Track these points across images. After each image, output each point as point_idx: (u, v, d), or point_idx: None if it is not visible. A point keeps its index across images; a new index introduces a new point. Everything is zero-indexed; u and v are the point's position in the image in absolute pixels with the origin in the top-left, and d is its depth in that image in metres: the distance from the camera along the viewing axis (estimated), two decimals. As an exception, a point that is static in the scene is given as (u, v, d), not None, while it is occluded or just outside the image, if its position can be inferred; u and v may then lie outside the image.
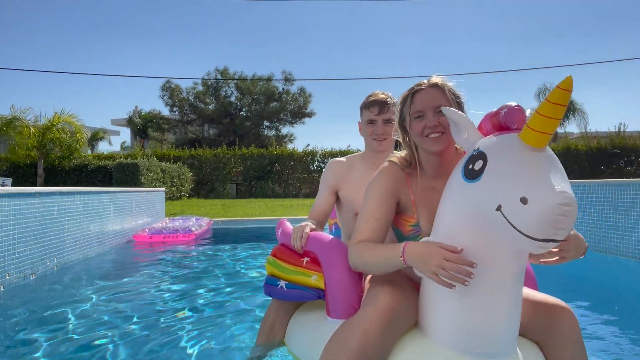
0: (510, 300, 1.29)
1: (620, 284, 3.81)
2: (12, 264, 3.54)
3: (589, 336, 2.36)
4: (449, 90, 1.51)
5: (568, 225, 1.09)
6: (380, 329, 1.32)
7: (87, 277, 4.05)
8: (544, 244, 1.10)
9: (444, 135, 1.46)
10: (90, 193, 5.25)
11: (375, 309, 1.36)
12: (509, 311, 1.30)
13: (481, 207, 1.20)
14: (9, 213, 3.54)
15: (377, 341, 1.32)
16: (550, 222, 1.07)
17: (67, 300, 3.13)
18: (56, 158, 14.28)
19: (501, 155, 1.19)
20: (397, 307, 1.37)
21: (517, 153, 1.17)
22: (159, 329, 2.46)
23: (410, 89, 1.55)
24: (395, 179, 1.54)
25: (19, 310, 2.90)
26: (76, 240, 4.73)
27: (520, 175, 1.14)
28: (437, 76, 1.54)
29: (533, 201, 1.08)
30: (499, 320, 1.29)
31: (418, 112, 1.49)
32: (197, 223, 7.19)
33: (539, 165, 1.14)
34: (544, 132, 1.13)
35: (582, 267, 4.51)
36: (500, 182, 1.16)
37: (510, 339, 1.33)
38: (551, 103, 1.09)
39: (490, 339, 1.30)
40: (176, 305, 2.96)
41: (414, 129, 1.50)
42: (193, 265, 4.58)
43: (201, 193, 17.24)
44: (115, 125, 32.64)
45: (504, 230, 1.15)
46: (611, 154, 19.13)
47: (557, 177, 1.13)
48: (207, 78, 26.62)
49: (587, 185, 4.98)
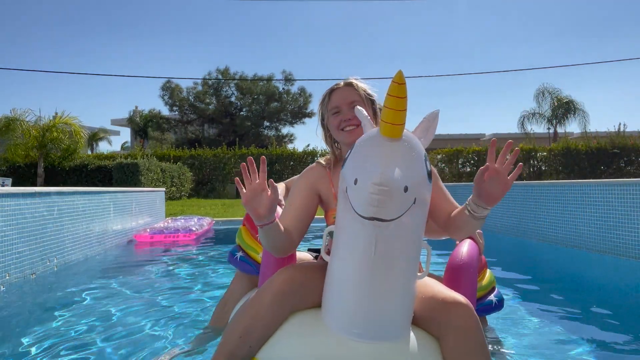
0: (396, 288, 1.35)
1: (620, 284, 3.81)
2: (12, 264, 3.54)
3: (589, 336, 2.36)
4: (362, 89, 1.72)
5: (385, 206, 1.18)
6: (272, 307, 1.45)
7: (87, 277, 4.05)
8: (369, 222, 1.21)
9: (358, 128, 1.63)
10: (90, 193, 5.25)
11: (268, 289, 1.48)
12: (397, 298, 1.36)
13: (341, 191, 1.34)
14: (9, 213, 3.54)
15: (268, 319, 1.45)
16: (368, 201, 1.18)
17: (67, 300, 3.13)
18: (56, 158, 14.28)
19: (360, 145, 1.32)
20: (292, 287, 1.48)
21: (371, 143, 1.29)
22: (160, 328, 2.46)
23: (328, 89, 1.76)
24: (315, 176, 1.74)
25: (19, 310, 2.91)
26: (76, 240, 4.73)
27: (362, 161, 1.27)
28: (352, 78, 1.74)
29: (359, 181, 1.21)
30: (386, 307, 1.35)
31: (335, 108, 1.70)
32: (199, 223, 7.19)
33: (384, 153, 1.24)
34: (392, 123, 1.23)
35: (582, 268, 4.51)
36: (348, 168, 1.30)
37: (399, 324, 1.39)
38: (391, 96, 1.19)
39: (377, 324, 1.36)
40: (177, 305, 2.96)
41: (332, 123, 1.72)
42: (194, 264, 4.58)
43: (201, 193, 17.24)
44: (115, 125, 32.64)
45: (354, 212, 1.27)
46: (611, 154, 19.12)
47: (394, 162, 1.22)
48: (208, 78, 26.62)
49: (587, 185, 4.98)
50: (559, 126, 24.02)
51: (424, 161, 1.30)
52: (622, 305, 3.09)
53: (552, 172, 19.56)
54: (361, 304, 1.34)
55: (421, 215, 1.35)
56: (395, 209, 1.20)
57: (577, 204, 5.08)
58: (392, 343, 1.37)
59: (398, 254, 1.32)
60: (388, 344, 1.36)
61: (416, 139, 1.33)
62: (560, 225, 5.36)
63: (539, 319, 2.62)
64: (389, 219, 1.20)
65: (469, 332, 1.40)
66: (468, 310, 1.42)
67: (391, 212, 1.20)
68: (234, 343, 1.46)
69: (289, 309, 1.48)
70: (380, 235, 1.26)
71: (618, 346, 2.26)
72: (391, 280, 1.33)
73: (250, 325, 1.45)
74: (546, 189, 5.71)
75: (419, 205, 1.29)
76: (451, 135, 28.95)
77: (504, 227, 6.60)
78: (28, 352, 2.14)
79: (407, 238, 1.32)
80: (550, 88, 23.99)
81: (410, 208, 1.24)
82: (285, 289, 1.47)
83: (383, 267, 1.31)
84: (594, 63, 48.60)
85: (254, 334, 1.45)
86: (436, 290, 1.49)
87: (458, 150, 19.85)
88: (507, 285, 3.44)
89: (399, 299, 1.36)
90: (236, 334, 1.47)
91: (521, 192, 6.27)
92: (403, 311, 1.38)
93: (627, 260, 4.29)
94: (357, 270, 1.32)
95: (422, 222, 1.37)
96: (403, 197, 1.21)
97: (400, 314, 1.38)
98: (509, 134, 27.07)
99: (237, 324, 1.50)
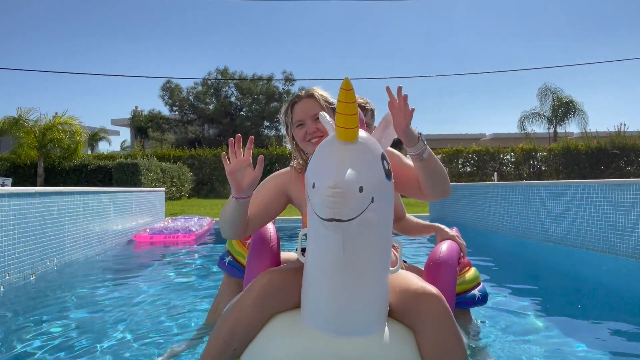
0: (368, 284, 1.41)
1: (620, 284, 3.81)
2: (12, 264, 3.54)
3: (589, 336, 2.36)
4: (323, 99, 1.78)
5: (341, 207, 1.23)
6: (253, 310, 1.52)
7: (87, 277, 4.05)
8: (329, 224, 1.25)
9: (322, 138, 1.66)
10: (90, 193, 5.25)
11: (249, 294, 1.55)
12: (369, 294, 1.42)
13: (306, 194, 1.40)
14: (9, 213, 3.54)
15: (249, 321, 1.52)
16: (324, 203, 1.23)
17: (67, 300, 3.13)
18: (56, 158, 14.29)
19: (319, 150, 1.39)
20: (271, 290, 1.55)
21: (328, 147, 1.37)
22: (159, 328, 2.46)
23: (289, 101, 1.84)
24: (286, 179, 1.83)
25: (19, 310, 2.91)
26: (76, 240, 4.73)
27: (319, 165, 1.34)
28: (315, 88, 1.82)
29: (316, 185, 1.27)
30: (359, 303, 1.41)
31: (298, 121, 1.77)
32: (199, 223, 7.19)
33: (338, 156, 1.31)
34: (344, 127, 1.30)
35: (582, 268, 4.51)
36: (308, 172, 1.37)
37: (374, 318, 1.45)
38: (341, 102, 1.26)
39: (352, 320, 1.42)
40: (176, 304, 2.96)
41: (297, 135, 1.79)
42: (193, 264, 4.58)
43: (201, 193, 17.24)
44: (115, 125, 32.63)
45: None
46: (611, 154, 19.13)
47: (348, 164, 1.28)
48: (208, 78, 26.64)
49: (587, 185, 4.98)
50: (559, 126, 24.03)
51: (381, 161, 1.37)
52: (622, 305, 3.10)
53: (552, 172, 19.57)
54: (335, 302, 1.41)
55: (384, 212, 1.41)
56: (352, 209, 1.25)
57: (577, 204, 5.08)
58: (367, 337, 1.44)
59: (367, 251, 1.39)
60: (364, 338, 1.44)
61: (373, 141, 1.41)
62: (560, 225, 5.36)
63: (538, 319, 2.62)
64: (346, 219, 1.24)
65: (440, 321, 1.45)
66: (438, 300, 1.47)
67: (348, 213, 1.24)
68: (219, 347, 1.52)
69: (269, 311, 1.55)
70: (347, 235, 1.32)
71: (618, 346, 2.26)
72: (362, 277, 1.40)
73: (233, 328, 1.52)
74: (546, 189, 5.71)
75: (379, 203, 1.34)
76: (451, 135, 28.96)
77: (504, 227, 6.60)
78: (28, 352, 2.14)
79: (374, 236, 1.39)
80: (553, 87, 23.99)
81: (369, 207, 1.29)
82: (265, 293, 1.54)
83: (353, 265, 1.38)
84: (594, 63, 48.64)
85: (237, 337, 1.52)
86: (409, 282, 1.55)
87: (458, 150, 19.85)
88: (507, 285, 3.44)
89: (371, 294, 1.43)
90: (220, 338, 1.53)
91: (521, 192, 6.28)
92: (377, 306, 1.45)
93: (627, 260, 4.29)
94: (329, 270, 1.39)
95: (387, 219, 1.45)
96: (359, 197, 1.25)
97: (374, 308, 1.45)
98: (509, 133, 27.08)
99: (220, 328, 1.56)
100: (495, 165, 19.81)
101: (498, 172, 19.28)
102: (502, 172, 19.67)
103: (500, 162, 19.95)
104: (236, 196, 1.53)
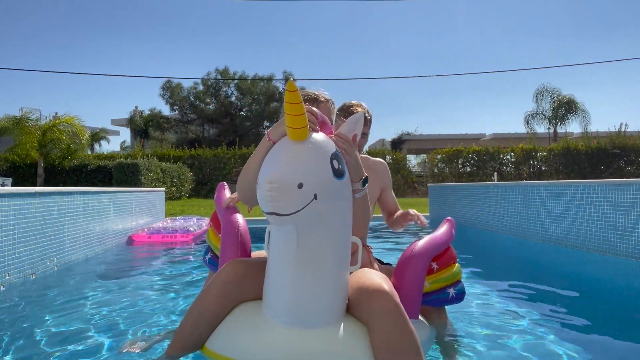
0: (323, 278, 1.47)
1: (620, 284, 3.81)
2: (12, 264, 3.54)
3: (589, 337, 2.36)
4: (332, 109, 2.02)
5: (277, 201, 1.29)
6: (218, 299, 1.62)
7: (87, 277, 4.05)
8: (270, 217, 1.32)
9: None
10: (90, 193, 5.25)
11: (214, 282, 1.65)
12: (324, 288, 1.48)
13: None
14: (9, 213, 3.54)
15: (213, 308, 1.62)
16: (264, 197, 1.30)
17: (67, 301, 3.13)
18: (56, 158, 14.28)
19: (272, 149, 1.47)
20: (234, 279, 1.64)
21: (279, 146, 1.44)
22: (158, 328, 2.46)
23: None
24: None
25: (19, 310, 2.90)
26: (76, 240, 4.73)
27: (267, 163, 1.40)
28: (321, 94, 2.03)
29: (259, 181, 1.33)
30: (314, 296, 1.47)
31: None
32: (197, 223, 7.20)
33: (284, 155, 1.38)
34: (292, 127, 1.36)
35: (582, 268, 4.51)
36: (260, 169, 1.43)
37: (328, 312, 1.51)
38: (287, 103, 1.31)
39: (306, 312, 1.48)
40: (176, 304, 2.96)
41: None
42: (193, 264, 4.58)
43: (201, 193, 17.25)
44: (115, 125, 32.62)
45: None
46: (611, 154, 19.12)
47: (290, 162, 1.34)
48: (208, 78, 26.63)
49: (587, 185, 4.98)
50: (560, 126, 24.03)
51: (330, 160, 1.41)
52: (622, 306, 3.09)
53: (552, 172, 19.56)
54: (290, 294, 1.47)
55: (338, 210, 1.46)
56: (290, 204, 1.30)
57: (577, 204, 5.07)
58: (321, 330, 1.49)
59: (322, 246, 1.44)
60: (317, 331, 1.48)
61: (326, 141, 1.46)
62: (560, 225, 5.36)
63: (538, 319, 2.61)
64: (285, 213, 1.30)
65: (389, 316, 1.48)
66: (387, 296, 1.50)
67: (287, 207, 1.30)
68: (187, 331, 1.64)
69: (234, 298, 1.65)
70: (300, 229, 1.38)
71: (618, 346, 2.26)
72: (317, 271, 1.46)
73: (200, 315, 1.63)
74: (546, 189, 5.70)
75: (327, 200, 1.38)
76: (451, 135, 28.95)
77: (504, 227, 6.60)
78: (28, 352, 2.14)
79: (329, 232, 1.45)
80: (550, 88, 24.00)
81: (311, 203, 1.33)
82: (229, 280, 1.63)
83: (309, 259, 1.44)
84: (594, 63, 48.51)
85: (203, 323, 1.63)
86: (365, 279, 1.59)
87: (458, 150, 19.84)
88: (507, 285, 3.44)
89: (327, 288, 1.48)
90: (188, 323, 1.64)
91: (521, 192, 6.27)
92: (332, 300, 1.51)
93: (627, 260, 4.28)
94: (286, 263, 1.46)
95: (343, 216, 1.50)
96: (298, 193, 1.30)
97: (329, 302, 1.50)
98: (509, 133, 27.10)
99: (189, 314, 1.67)
100: (495, 165, 19.81)
101: (498, 172, 19.29)
102: (502, 172, 19.67)
103: (500, 162, 19.95)
104: (275, 139, 1.56)
